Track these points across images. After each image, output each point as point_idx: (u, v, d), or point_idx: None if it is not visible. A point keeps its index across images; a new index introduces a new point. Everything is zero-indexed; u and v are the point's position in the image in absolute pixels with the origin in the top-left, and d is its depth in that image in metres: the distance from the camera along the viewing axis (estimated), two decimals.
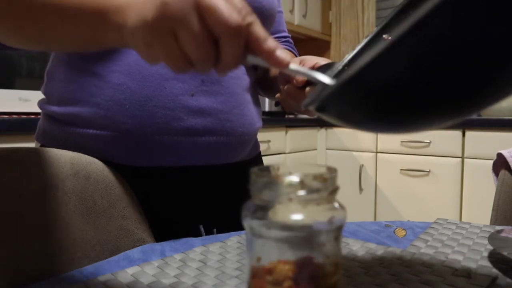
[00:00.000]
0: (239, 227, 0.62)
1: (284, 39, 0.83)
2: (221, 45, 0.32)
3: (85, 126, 0.58)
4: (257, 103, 0.72)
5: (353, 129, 0.35)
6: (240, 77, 0.65)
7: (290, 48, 0.83)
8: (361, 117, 0.32)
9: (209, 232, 0.65)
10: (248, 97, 0.67)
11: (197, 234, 0.62)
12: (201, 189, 0.65)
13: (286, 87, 0.59)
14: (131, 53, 0.57)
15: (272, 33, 0.81)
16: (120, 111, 0.56)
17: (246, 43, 0.33)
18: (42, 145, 0.63)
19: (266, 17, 0.68)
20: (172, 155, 0.59)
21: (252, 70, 0.72)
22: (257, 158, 0.77)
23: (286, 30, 0.85)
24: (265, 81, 0.78)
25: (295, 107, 0.64)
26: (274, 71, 0.74)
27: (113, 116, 0.56)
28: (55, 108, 0.60)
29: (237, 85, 0.64)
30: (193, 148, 0.60)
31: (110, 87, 0.56)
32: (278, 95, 0.66)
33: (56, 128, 0.61)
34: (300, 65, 0.58)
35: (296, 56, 0.83)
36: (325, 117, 0.34)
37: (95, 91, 0.57)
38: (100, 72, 0.57)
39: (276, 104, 0.69)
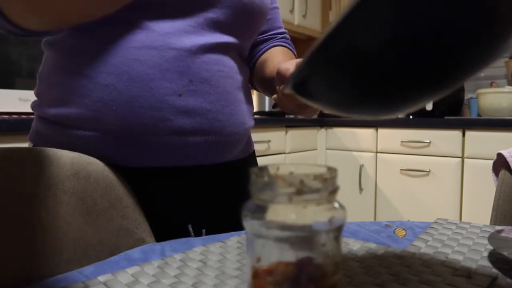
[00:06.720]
0: (234, 226, 0.62)
1: (281, 35, 0.82)
2: None
3: (75, 127, 0.58)
4: (249, 101, 0.71)
5: (332, 111, 0.34)
6: (232, 76, 0.64)
7: (287, 45, 0.83)
8: (337, 95, 0.30)
9: (198, 233, 0.65)
10: (240, 96, 0.66)
11: (188, 234, 0.62)
12: (195, 188, 0.65)
13: (281, 87, 0.59)
14: (119, 53, 0.56)
15: (268, 30, 0.80)
16: (108, 112, 0.56)
17: None
18: (35, 146, 0.63)
19: (256, 13, 0.67)
20: (161, 155, 0.60)
21: (246, 68, 0.71)
22: (250, 157, 0.76)
23: (283, 26, 0.84)
24: (263, 80, 0.78)
25: (291, 107, 0.63)
26: (270, 71, 0.74)
27: (101, 117, 0.56)
28: (46, 110, 0.60)
29: (229, 84, 0.63)
30: (182, 148, 0.60)
31: (98, 88, 0.56)
32: (274, 96, 0.65)
33: (48, 129, 0.61)
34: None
35: (294, 52, 0.83)
36: (304, 99, 0.33)
37: (84, 93, 0.57)
38: (89, 73, 0.57)
39: (274, 106, 0.68)
